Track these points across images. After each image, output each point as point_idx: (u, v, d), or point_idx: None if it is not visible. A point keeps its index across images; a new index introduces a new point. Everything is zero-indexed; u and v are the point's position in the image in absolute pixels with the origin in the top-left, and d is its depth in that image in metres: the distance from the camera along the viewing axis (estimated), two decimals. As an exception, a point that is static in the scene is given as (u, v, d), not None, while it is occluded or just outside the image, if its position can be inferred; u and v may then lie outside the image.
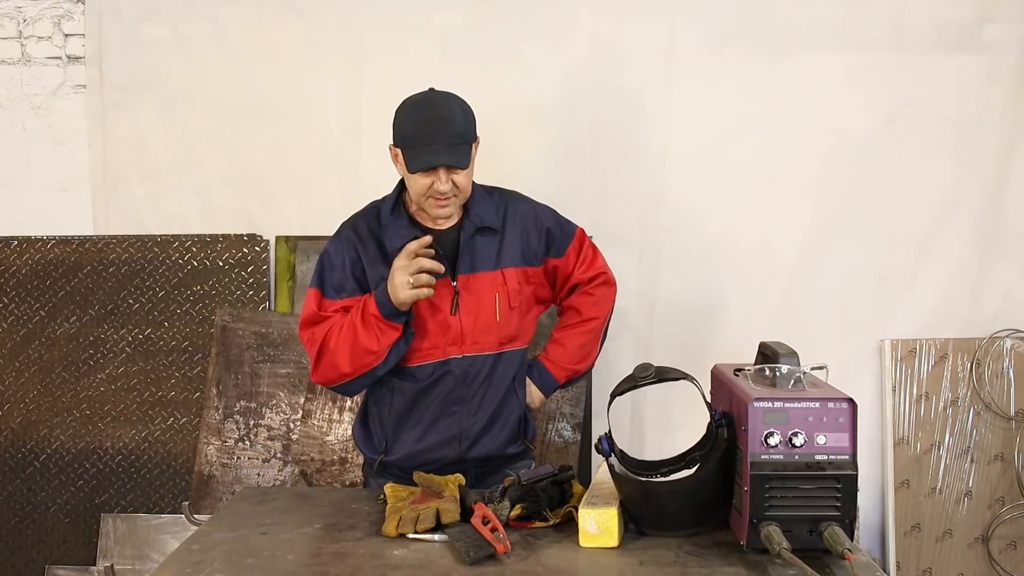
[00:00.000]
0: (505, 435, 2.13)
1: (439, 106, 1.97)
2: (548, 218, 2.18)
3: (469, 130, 1.98)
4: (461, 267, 2.05)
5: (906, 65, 2.97)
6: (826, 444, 1.52)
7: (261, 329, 3.06)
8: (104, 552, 3.07)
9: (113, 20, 3.14)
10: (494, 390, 2.10)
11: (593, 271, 2.23)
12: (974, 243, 3.02)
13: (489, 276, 2.06)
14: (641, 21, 3.00)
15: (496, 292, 2.06)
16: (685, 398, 1.83)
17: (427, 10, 3.06)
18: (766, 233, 3.02)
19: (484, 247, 2.07)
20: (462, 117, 1.97)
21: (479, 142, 2.05)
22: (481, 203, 2.09)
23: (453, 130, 1.94)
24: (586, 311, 2.23)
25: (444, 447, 2.09)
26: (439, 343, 2.05)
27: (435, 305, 2.03)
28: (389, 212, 2.07)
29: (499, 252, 2.08)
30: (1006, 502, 3.00)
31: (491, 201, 2.11)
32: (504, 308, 2.07)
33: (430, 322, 2.04)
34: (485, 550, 1.57)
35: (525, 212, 2.14)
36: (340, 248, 2.08)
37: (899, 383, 3.02)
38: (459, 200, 2.02)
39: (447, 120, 1.94)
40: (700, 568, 1.54)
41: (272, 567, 1.57)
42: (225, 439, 3.02)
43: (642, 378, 1.69)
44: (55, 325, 3.17)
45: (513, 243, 2.10)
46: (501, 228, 2.09)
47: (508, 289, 2.07)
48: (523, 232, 2.12)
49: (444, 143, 1.93)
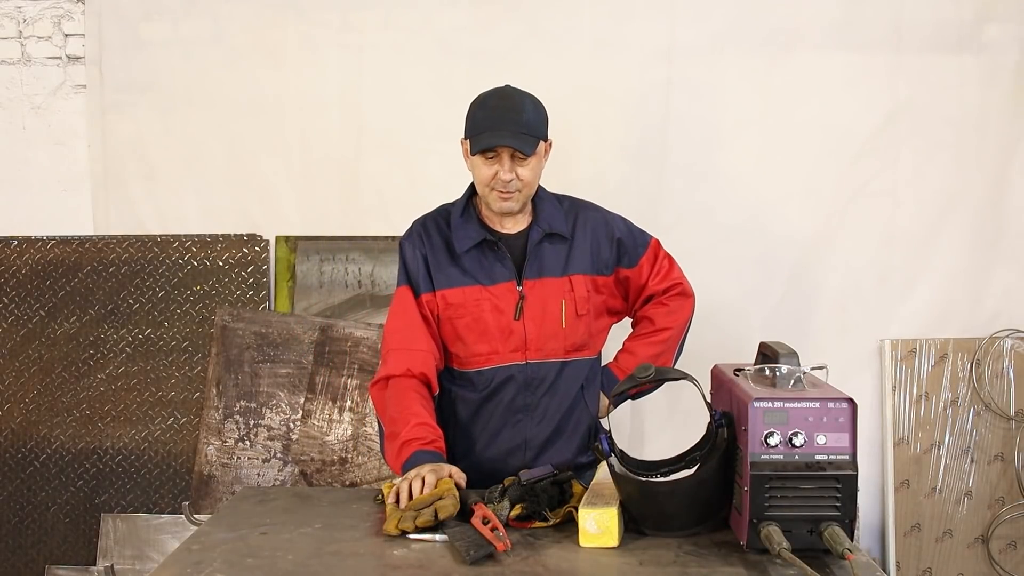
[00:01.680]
0: (574, 445, 2.08)
1: (510, 96, 1.96)
2: (620, 228, 2.12)
3: (539, 125, 1.96)
4: (528, 272, 2.01)
5: (906, 65, 2.97)
6: (826, 444, 1.52)
7: (261, 329, 3.06)
8: (104, 552, 3.07)
9: (113, 20, 3.14)
10: (560, 399, 2.05)
11: (668, 282, 2.16)
12: (974, 243, 3.02)
13: (556, 283, 2.02)
14: (641, 21, 3.01)
15: (563, 299, 2.01)
16: (685, 398, 1.83)
17: (427, 10, 3.06)
18: (766, 233, 3.02)
19: (552, 254, 2.03)
20: (533, 111, 1.96)
21: (551, 145, 2.03)
22: (550, 209, 2.06)
23: (521, 119, 1.92)
24: (660, 321, 2.16)
25: (509, 457, 2.05)
26: (501, 349, 2.01)
27: (499, 309, 2.00)
28: (459, 215, 2.04)
29: (568, 259, 2.04)
30: (1006, 502, 3.00)
31: (561, 209, 2.08)
32: (571, 315, 2.02)
33: (493, 327, 2.00)
34: (485, 549, 1.57)
35: (596, 221, 2.10)
36: (412, 246, 2.06)
37: (899, 383, 3.02)
38: (523, 196, 1.98)
39: (516, 109, 1.93)
40: (700, 568, 1.54)
41: (272, 567, 1.57)
42: (225, 439, 3.02)
43: (642, 378, 1.69)
44: (55, 325, 3.17)
45: (583, 251, 2.05)
46: (571, 235, 2.05)
47: (576, 296, 2.03)
48: (594, 241, 2.07)
49: (510, 130, 1.91)
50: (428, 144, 3.04)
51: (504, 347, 2.00)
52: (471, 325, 2.01)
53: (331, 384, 3.01)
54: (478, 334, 2.01)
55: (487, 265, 2.01)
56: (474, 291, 2.00)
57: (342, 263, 3.11)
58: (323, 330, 3.04)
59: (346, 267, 3.11)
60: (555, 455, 2.05)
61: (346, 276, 3.11)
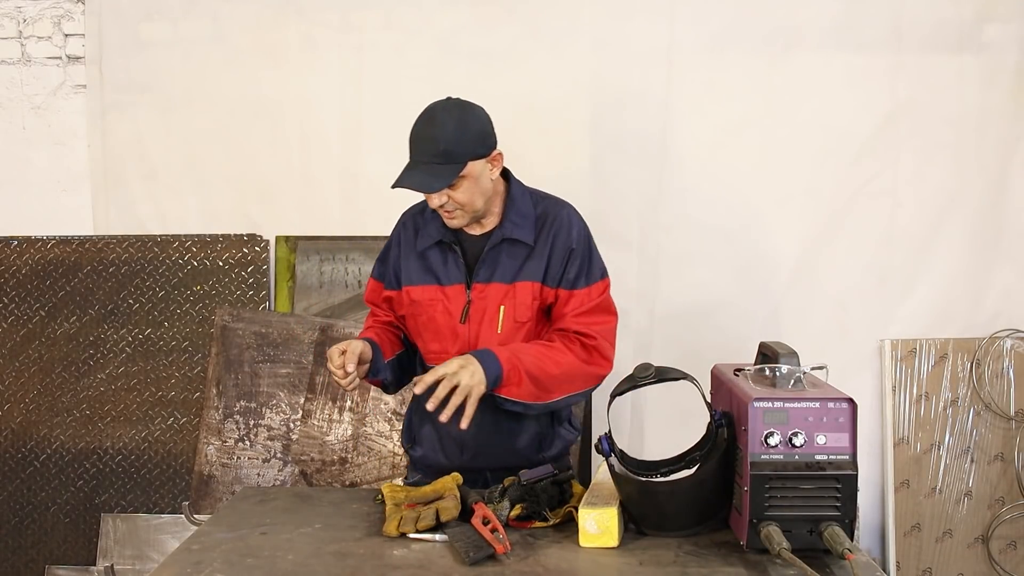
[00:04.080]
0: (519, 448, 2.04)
1: (430, 121, 1.90)
2: (582, 247, 2.01)
3: (463, 148, 1.88)
4: (478, 276, 2.00)
5: (906, 65, 2.97)
6: (826, 444, 1.52)
7: (261, 329, 3.06)
8: (104, 552, 3.07)
9: (113, 20, 3.14)
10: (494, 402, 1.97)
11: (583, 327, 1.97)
12: (974, 243, 3.02)
13: (502, 288, 1.99)
14: (641, 21, 3.01)
15: (502, 304, 1.99)
16: (685, 398, 1.83)
17: (427, 10, 3.06)
18: (766, 233, 3.02)
19: (509, 259, 1.99)
20: (455, 134, 1.87)
21: (498, 156, 1.96)
22: (519, 214, 2.00)
23: (436, 148, 1.86)
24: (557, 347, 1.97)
25: (449, 452, 2.07)
26: (450, 349, 2.02)
27: (449, 311, 2.01)
28: (430, 212, 2.03)
29: (522, 266, 1.99)
30: (1006, 502, 3.00)
31: (532, 213, 2.02)
32: (508, 322, 1.99)
33: (444, 327, 2.02)
34: (485, 550, 1.57)
35: (562, 228, 2.00)
36: (395, 232, 2.11)
37: (899, 383, 3.02)
38: (467, 213, 1.95)
39: (432, 139, 1.87)
40: (700, 568, 1.54)
41: (272, 567, 1.57)
42: (225, 439, 3.02)
43: (642, 378, 1.69)
44: (55, 325, 3.17)
45: (540, 258, 1.99)
46: (534, 242, 1.99)
47: (516, 303, 1.98)
48: (552, 249, 2.00)
49: (424, 161, 1.88)
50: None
51: (452, 348, 2.02)
52: (427, 324, 2.05)
53: (331, 384, 3.01)
54: (432, 332, 2.04)
55: (445, 266, 2.03)
56: (431, 290, 2.03)
57: (342, 263, 3.11)
58: (323, 330, 3.04)
59: (346, 267, 3.11)
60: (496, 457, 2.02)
61: (346, 276, 3.12)
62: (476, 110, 1.95)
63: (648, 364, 1.71)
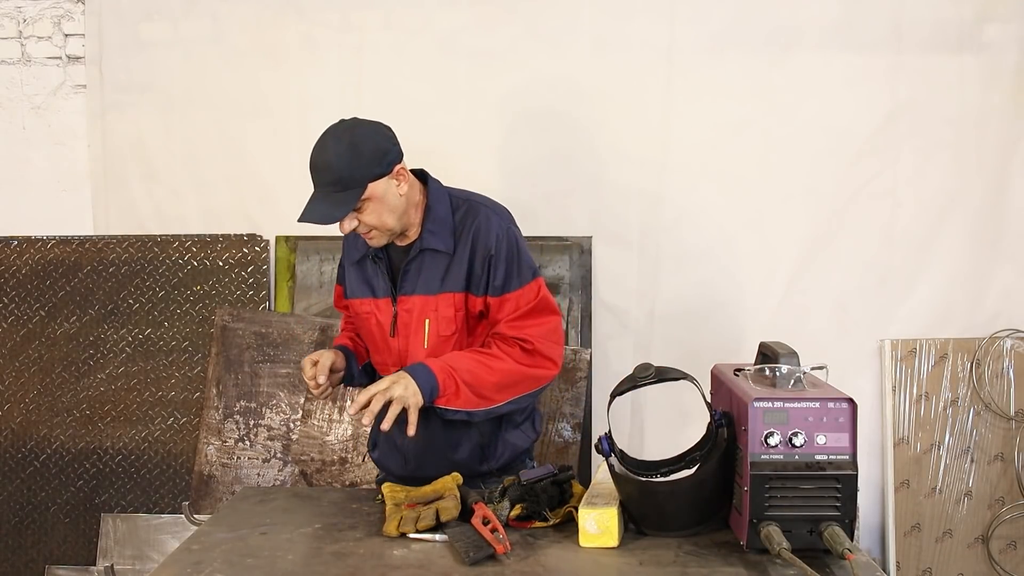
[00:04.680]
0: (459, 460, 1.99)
1: (324, 149, 1.86)
2: (502, 250, 1.93)
3: (359, 172, 1.83)
4: (401, 289, 1.97)
5: (906, 65, 2.97)
6: (826, 444, 1.52)
7: (261, 329, 3.06)
8: (104, 552, 3.07)
9: (113, 20, 3.14)
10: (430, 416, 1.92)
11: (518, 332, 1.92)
12: (974, 243, 3.02)
13: (425, 301, 1.95)
14: (641, 21, 3.01)
15: (427, 318, 1.95)
16: (685, 398, 1.83)
17: (427, 10, 3.06)
18: (766, 233, 3.03)
19: (432, 269, 1.95)
20: (348, 159, 1.82)
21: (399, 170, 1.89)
22: (436, 222, 1.95)
23: (332, 177, 1.82)
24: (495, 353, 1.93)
25: (392, 461, 2.08)
26: (387, 360, 2.03)
27: (380, 324, 2.01)
28: None
29: (444, 276, 1.94)
30: (1006, 502, 3.00)
31: (451, 219, 1.95)
32: (434, 335, 1.95)
33: (379, 340, 2.03)
34: (485, 550, 1.57)
35: (481, 232, 1.93)
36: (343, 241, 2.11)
37: (899, 383, 3.02)
38: (384, 232, 1.91)
39: (326, 167, 1.83)
40: (700, 568, 1.54)
41: (272, 567, 1.57)
42: (225, 439, 3.02)
43: (642, 378, 1.69)
44: (55, 325, 3.17)
45: (460, 266, 1.93)
46: (453, 249, 1.94)
47: (439, 316, 1.94)
48: (472, 255, 1.93)
49: (322, 191, 1.84)
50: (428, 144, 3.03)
51: (388, 360, 2.02)
52: (367, 335, 2.07)
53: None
54: (372, 344, 2.06)
55: (376, 278, 2.02)
56: (368, 303, 2.03)
57: (342, 263, 3.11)
58: (323, 330, 3.04)
59: (346, 267, 3.11)
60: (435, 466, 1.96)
61: (346, 276, 3.11)
62: (369, 129, 1.89)
63: (648, 364, 1.71)
